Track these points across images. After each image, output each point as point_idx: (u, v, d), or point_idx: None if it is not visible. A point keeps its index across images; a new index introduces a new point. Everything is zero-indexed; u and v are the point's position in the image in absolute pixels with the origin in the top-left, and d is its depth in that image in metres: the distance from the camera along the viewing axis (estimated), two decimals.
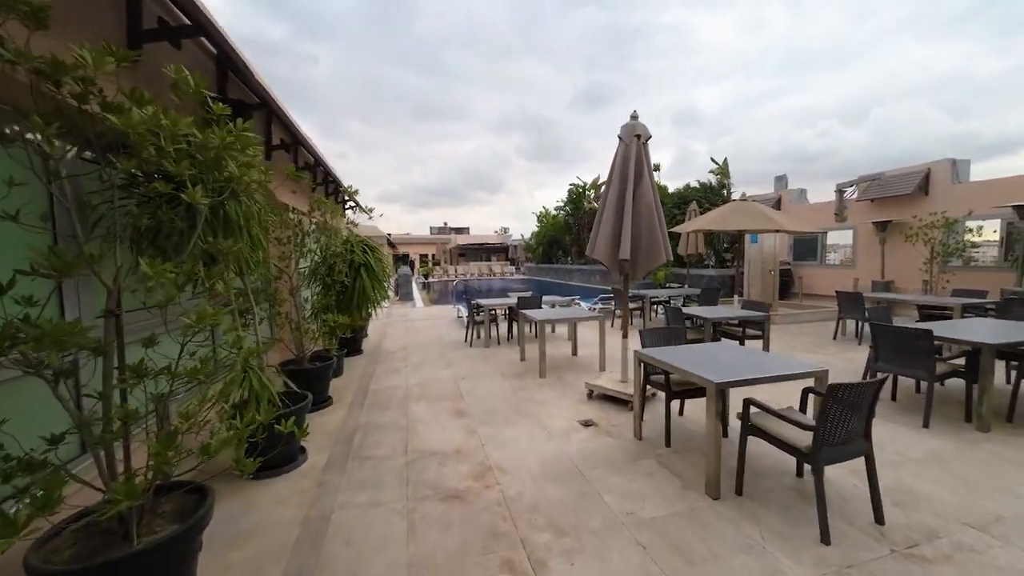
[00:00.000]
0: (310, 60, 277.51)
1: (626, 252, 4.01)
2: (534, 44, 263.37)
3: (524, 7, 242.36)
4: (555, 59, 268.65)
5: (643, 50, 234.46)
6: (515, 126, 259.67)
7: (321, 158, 5.91)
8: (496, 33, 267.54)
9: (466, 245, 49.47)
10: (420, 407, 4.57)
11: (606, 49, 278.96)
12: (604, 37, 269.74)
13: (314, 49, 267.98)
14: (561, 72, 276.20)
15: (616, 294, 9.20)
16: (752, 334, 5.88)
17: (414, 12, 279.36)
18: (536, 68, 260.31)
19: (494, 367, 6.11)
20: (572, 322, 6.29)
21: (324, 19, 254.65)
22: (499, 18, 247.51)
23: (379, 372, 6.00)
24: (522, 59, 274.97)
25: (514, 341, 7.89)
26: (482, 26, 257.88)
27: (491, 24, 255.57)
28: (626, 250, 4.01)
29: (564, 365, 6.11)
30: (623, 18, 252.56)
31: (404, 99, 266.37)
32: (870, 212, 11.05)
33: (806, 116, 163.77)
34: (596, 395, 4.68)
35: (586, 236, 24.02)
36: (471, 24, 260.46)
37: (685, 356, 3.29)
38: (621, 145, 4.26)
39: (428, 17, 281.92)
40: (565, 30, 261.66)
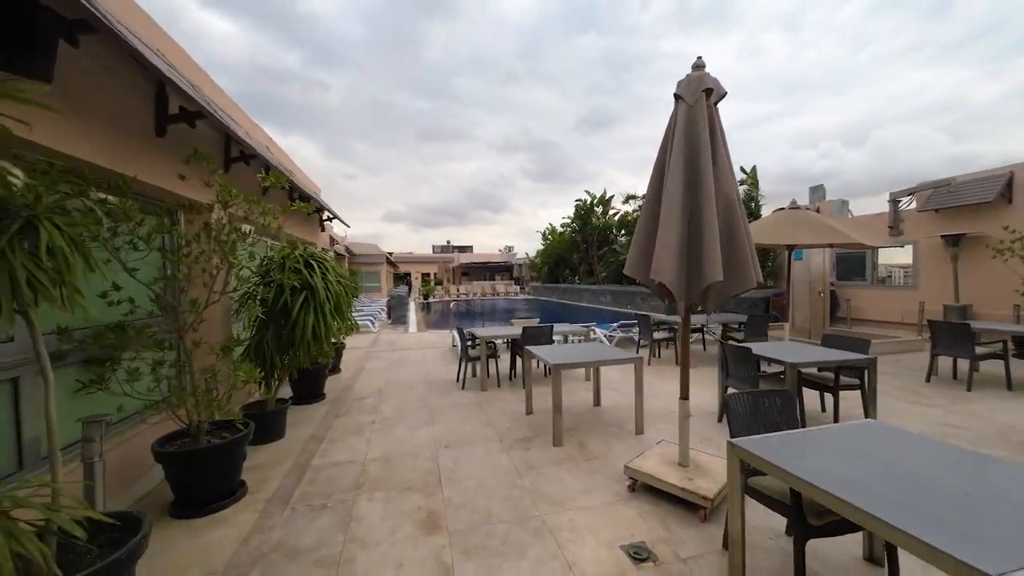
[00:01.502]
0: (321, 87, 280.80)
1: (716, 272, 2.49)
2: (537, 70, 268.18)
3: (528, 35, 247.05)
4: (558, 84, 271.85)
5: (644, 75, 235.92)
6: (519, 147, 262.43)
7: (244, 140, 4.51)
8: (501, 60, 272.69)
9: (469, 264, 48.20)
10: (373, 509, 2.98)
11: (607, 74, 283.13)
12: (605, 63, 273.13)
13: (326, 75, 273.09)
14: (564, 96, 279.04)
15: (641, 321, 7.62)
16: (846, 383, 4.26)
17: (423, 41, 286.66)
18: (539, 92, 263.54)
19: (490, 425, 4.52)
20: (597, 366, 4.69)
21: (336, 47, 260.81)
22: (504, 46, 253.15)
23: (335, 432, 4.43)
24: (526, 84, 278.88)
25: (517, 381, 6.31)
26: (488, 53, 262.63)
27: (496, 51, 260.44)
28: (715, 269, 2.49)
29: (585, 421, 4.51)
30: (624, 45, 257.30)
31: (411, 122, 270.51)
32: (935, 224, 9.50)
33: (807, 138, 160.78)
34: (642, 485, 3.09)
35: (595, 254, 22.59)
36: (477, 52, 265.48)
37: (865, 478, 1.71)
38: (682, 107, 2.78)
39: (436, 46, 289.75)
40: (567, 56, 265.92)
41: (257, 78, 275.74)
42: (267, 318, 4.14)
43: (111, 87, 2.85)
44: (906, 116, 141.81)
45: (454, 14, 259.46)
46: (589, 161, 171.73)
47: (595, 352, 4.54)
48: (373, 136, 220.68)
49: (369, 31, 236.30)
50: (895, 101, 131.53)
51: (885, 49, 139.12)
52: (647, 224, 3.00)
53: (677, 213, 2.66)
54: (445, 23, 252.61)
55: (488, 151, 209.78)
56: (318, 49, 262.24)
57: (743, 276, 2.62)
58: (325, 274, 4.34)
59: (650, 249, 2.87)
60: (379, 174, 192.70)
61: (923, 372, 6.18)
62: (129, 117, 3.02)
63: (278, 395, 4.42)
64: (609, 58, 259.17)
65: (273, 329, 4.10)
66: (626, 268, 3.16)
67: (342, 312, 4.50)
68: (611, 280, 21.19)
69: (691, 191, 2.68)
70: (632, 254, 3.10)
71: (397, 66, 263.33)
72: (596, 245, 22.81)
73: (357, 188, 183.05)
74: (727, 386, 4.45)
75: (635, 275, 3.09)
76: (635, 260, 3.06)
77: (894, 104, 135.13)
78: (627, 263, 3.14)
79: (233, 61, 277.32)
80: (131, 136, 3.03)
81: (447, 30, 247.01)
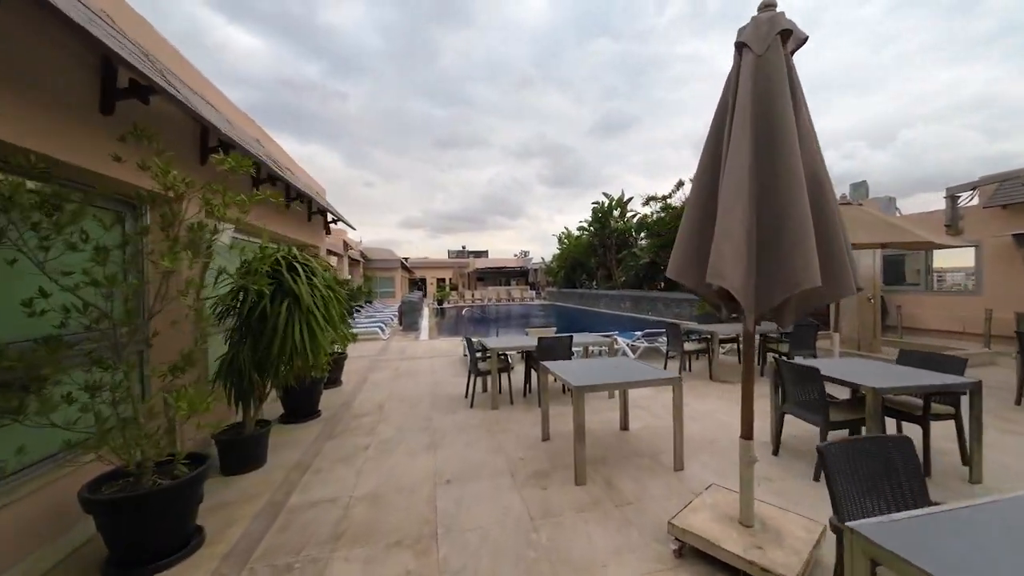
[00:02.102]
0: (339, 97, 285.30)
1: (811, 273, 1.82)
2: (552, 76, 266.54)
3: (542, 41, 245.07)
4: (572, 89, 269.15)
5: (658, 79, 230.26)
6: (534, 153, 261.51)
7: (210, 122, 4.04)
8: (515, 66, 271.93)
9: (484, 269, 47.77)
10: (350, 571, 2.37)
11: (622, 78, 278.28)
12: (620, 67, 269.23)
13: (344, 85, 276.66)
14: (578, 101, 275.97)
15: (670, 330, 6.88)
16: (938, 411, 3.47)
17: (438, 50, 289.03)
18: (554, 97, 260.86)
19: (501, 452, 3.89)
20: (627, 388, 3.97)
21: (354, 57, 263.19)
22: (518, 52, 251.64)
23: (323, 459, 3.87)
24: (540, 89, 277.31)
25: (532, 397, 5.66)
26: (502, 60, 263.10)
27: (511, 58, 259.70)
28: (810, 270, 1.83)
29: (611, 451, 3.84)
30: (638, 49, 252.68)
31: (428, 130, 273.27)
32: (1002, 221, 8.48)
33: (830, 139, 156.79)
34: (691, 549, 2.40)
35: (613, 258, 21.78)
36: (491, 58, 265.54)
37: None
38: (748, 59, 2.13)
39: (451, 54, 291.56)
40: (582, 62, 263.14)
41: (279, 90, 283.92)
42: (243, 329, 3.61)
43: (40, 55, 2.36)
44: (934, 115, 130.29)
45: (468, 22, 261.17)
46: (605, 165, 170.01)
47: (624, 371, 3.87)
48: (390, 144, 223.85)
49: (385, 41, 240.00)
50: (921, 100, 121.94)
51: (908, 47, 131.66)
52: (698, 215, 2.35)
53: (744, 198, 2.00)
54: (460, 31, 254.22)
55: (504, 157, 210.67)
56: (337, 60, 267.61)
57: (841, 279, 1.94)
58: (312, 278, 3.79)
59: (702, 246, 2.22)
60: (396, 181, 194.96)
61: (1007, 392, 5.29)
62: (67, 92, 2.53)
63: (260, 415, 3.89)
64: (623, 62, 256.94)
65: (250, 342, 3.57)
66: (669, 270, 2.51)
67: (333, 322, 3.95)
68: (630, 285, 20.34)
69: (764, 167, 2.01)
70: (677, 254, 2.45)
71: (413, 74, 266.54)
72: (615, 249, 22.00)
73: (375, 195, 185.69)
74: (783, 412, 3.72)
75: (682, 279, 2.44)
76: (681, 261, 2.42)
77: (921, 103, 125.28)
78: (671, 265, 2.50)
79: (257, 74, 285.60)
80: (70, 114, 2.54)
81: (462, 38, 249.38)
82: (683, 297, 15.80)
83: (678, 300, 16.13)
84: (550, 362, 4.18)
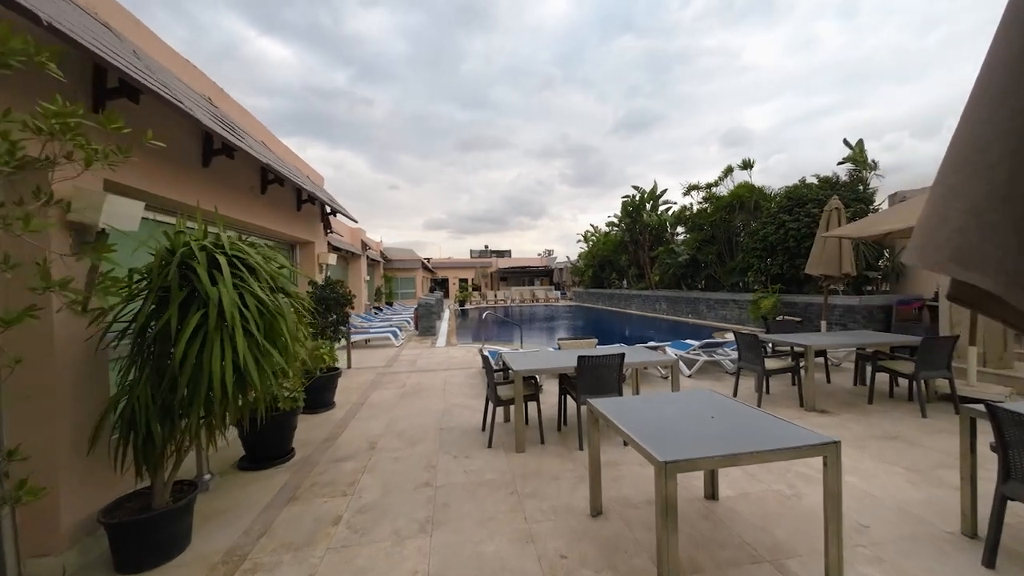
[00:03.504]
0: (365, 103, 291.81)
1: None
2: (574, 76, 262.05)
3: (564, 41, 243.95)
4: (596, 88, 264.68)
5: (685, 74, 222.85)
6: (557, 153, 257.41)
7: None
8: (538, 67, 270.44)
9: (507, 268, 46.54)
10: None
11: (647, 76, 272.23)
12: (644, 64, 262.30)
13: (371, 91, 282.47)
14: (601, 100, 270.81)
15: (743, 342, 5.36)
16: None
17: (462, 55, 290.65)
18: (577, 97, 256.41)
19: (530, 540, 2.55)
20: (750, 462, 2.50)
21: (380, 64, 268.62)
22: (541, 53, 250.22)
23: (266, 546, 2.62)
24: (563, 90, 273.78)
25: (569, 432, 4.30)
26: (525, 62, 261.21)
27: (533, 60, 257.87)
28: None
29: (700, 545, 2.44)
30: (663, 44, 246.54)
31: (452, 133, 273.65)
32: None
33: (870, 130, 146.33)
34: None
35: (647, 255, 20.06)
36: (515, 61, 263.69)
37: None
38: None
39: (475, 58, 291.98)
40: (605, 60, 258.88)
41: (309, 98, 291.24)
42: (139, 357, 2.42)
43: None
44: None
45: (491, 26, 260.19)
46: (629, 164, 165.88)
47: (728, 422, 2.45)
48: (415, 147, 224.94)
49: (411, 47, 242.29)
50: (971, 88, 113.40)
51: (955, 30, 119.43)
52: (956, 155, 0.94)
53: None
54: (483, 35, 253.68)
55: (526, 158, 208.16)
56: (363, 67, 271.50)
57: None
58: (243, 275, 2.55)
59: None
60: (421, 184, 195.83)
61: None
62: None
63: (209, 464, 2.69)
64: (648, 59, 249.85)
65: (147, 376, 2.36)
66: (908, 254, 1.12)
67: (285, 341, 2.70)
68: (666, 285, 18.60)
69: None
70: (934, 222, 1.06)
71: (437, 79, 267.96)
72: (648, 246, 20.27)
73: (401, 198, 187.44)
74: (1007, 497, 2.22)
75: (967, 270, 1.03)
76: (973, 238, 1.01)
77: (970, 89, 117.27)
78: (917, 241, 1.11)
79: (287, 84, 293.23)
80: None
81: (485, 42, 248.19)
82: (729, 298, 14.03)
83: (723, 301, 14.36)
84: (605, 403, 2.80)
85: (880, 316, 9.44)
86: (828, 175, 11.15)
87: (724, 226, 14.69)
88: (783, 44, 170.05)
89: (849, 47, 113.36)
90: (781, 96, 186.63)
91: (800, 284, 12.01)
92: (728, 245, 14.98)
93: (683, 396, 2.99)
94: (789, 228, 11.02)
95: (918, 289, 9.66)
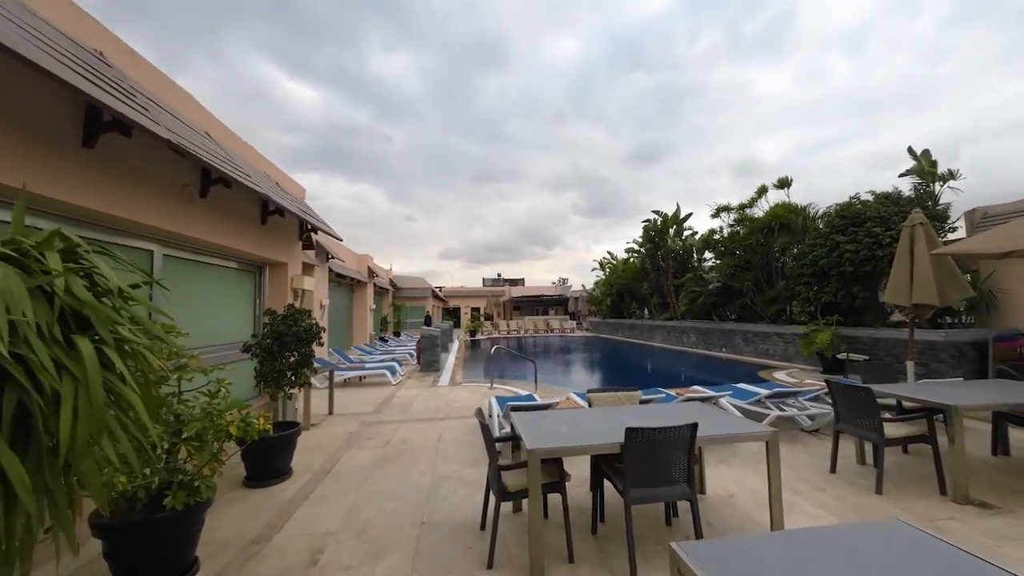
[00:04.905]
0: (384, 138, 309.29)
1: None
2: (586, 109, 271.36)
3: (575, 79, 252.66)
4: (607, 121, 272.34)
5: (695, 107, 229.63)
6: (570, 184, 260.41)
7: None
8: (550, 103, 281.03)
9: (521, 297, 45.27)
10: None
11: (656, 108, 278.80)
12: (654, 98, 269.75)
13: (390, 128, 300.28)
14: (613, 133, 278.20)
15: (843, 395, 3.87)
16: None
17: (477, 92, 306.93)
18: (588, 130, 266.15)
19: None
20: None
21: (399, 102, 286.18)
22: (553, 90, 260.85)
23: None
24: (575, 123, 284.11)
25: (610, 535, 2.86)
26: (538, 98, 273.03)
27: (546, 95, 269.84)
28: None
29: None
30: (672, 79, 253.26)
31: (466, 165, 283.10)
32: None
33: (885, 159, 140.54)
34: None
35: (671, 283, 18.59)
36: (528, 97, 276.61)
37: None
38: None
39: (489, 95, 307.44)
40: (615, 95, 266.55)
41: (333, 135, 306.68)
42: None
43: None
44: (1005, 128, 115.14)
45: (505, 66, 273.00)
46: (641, 194, 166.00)
47: None
48: (431, 180, 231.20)
49: (428, 86, 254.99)
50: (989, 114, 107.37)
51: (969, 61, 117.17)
52: None
53: None
54: (497, 74, 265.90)
55: (539, 189, 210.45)
56: (384, 105, 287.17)
57: None
58: None
59: None
60: (436, 214, 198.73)
61: None
62: None
63: None
64: (657, 93, 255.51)
65: None
66: None
67: (97, 405, 1.41)
68: (695, 314, 17.01)
69: None
70: None
71: (453, 115, 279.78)
72: (672, 273, 18.83)
73: (417, 228, 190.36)
74: None
75: None
76: None
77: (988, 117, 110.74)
78: None
79: (313, 122, 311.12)
80: None
81: (499, 80, 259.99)
82: (771, 330, 12.37)
83: (764, 334, 12.69)
84: (699, 553, 1.44)
85: (972, 355, 7.77)
86: (893, 190, 9.71)
87: (761, 250, 13.24)
88: (791, 77, 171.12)
89: (858, 78, 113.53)
90: (792, 126, 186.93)
91: (857, 314, 10.40)
92: (766, 271, 13.48)
93: (852, 532, 1.57)
94: (845, 250, 9.54)
95: (1016, 322, 8.00)
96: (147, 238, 3.55)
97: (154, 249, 3.64)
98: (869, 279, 9.60)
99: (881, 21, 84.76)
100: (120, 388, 1.42)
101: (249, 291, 5.39)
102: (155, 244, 3.65)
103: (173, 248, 3.91)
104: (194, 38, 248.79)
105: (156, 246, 3.67)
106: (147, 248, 3.58)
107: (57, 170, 2.46)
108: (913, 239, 6.12)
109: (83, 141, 2.62)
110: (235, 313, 5.10)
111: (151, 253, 3.61)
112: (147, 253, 3.59)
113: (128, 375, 1.42)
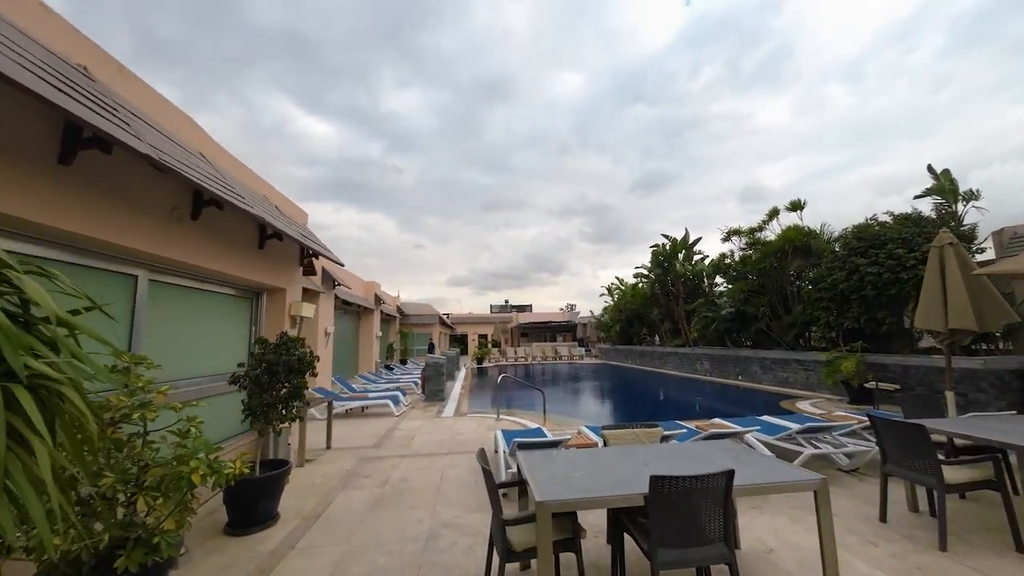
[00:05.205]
0: (395, 171, 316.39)
1: None
2: (590, 141, 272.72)
3: (580, 112, 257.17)
4: (611, 152, 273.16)
5: (697, 137, 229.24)
6: (576, 212, 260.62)
7: None
8: (556, 136, 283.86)
9: (528, 324, 44.76)
10: None
11: (660, 140, 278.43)
12: (657, 129, 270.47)
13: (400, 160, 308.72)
14: (617, 163, 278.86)
15: (900, 435, 3.45)
16: None
17: (485, 126, 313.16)
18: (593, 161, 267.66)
19: None
20: None
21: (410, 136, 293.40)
22: (558, 123, 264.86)
23: None
24: (580, 154, 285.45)
25: None
26: (544, 131, 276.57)
27: (552, 128, 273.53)
28: None
29: None
30: (674, 112, 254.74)
31: (474, 195, 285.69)
32: None
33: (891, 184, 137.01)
34: None
35: (681, 308, 18.15)
36: (534, 130, 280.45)
37: None
38: None
39: (497, 128, 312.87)
40: (619, 127, 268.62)
41: (346, 168, 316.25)
42: None
43: None
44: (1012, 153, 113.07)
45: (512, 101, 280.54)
46: (647, 222, 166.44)
47: None
48: (440, 209, 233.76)
49: (438, 120, 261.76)
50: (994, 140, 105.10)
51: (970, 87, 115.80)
52: None
53: None
54: (504, 108, 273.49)
55: (546, 217, 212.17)
56: (395, 139, 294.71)
57: None
58: None
59: None
60: (445, 243, 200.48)
61: None
62: None
63: None
64: (660, 125, 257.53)
65: None
66: None
67: None
68: (708, 341, 16.47)
69: None
70: None
71: (462, 147, 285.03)
72: (682, 298, 18.42)
73: (426, 256, 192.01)
74: None
75: None
76: None
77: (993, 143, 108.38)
78: None
79: (327, 155, 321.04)
80: None
81: (506, 114, 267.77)
82: (790, 357, 11.81)
83: (782, 361, 12.12)
84: None
85: (1015, 384, 7.22)
86: (912, 211, 9.39)
87: (775, 274, 12.86)
88: (792, 107, 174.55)
89: (859, 107, 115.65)
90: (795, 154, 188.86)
91: (883, 340, 9.88)
92: (781, 295, 13.05)
93: None
94: (866, 273, 9.15)
95: None
96: (131, 262, 3.35)
97: (139, 274, 3.44)
98: (894, 303, 9.15)
99: (878, 53, 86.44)
100: (29, 435, 1.14)
101: (244, 318, 5.16)
102: (140, 269, 3.45)
103: (161, 273, 3.71)
104: (218, 79, 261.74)
105: (141, 271, 3.46)
106: (131, 273, 3.38)
107: (25, 187, 2.28)
108: (943, 260, 5.75)
109: (59, 158, 2.46)
110: (229, 342, 4.85)
111: (135, 278, 3.41)
112: (131, 278, 3.38)
113: (37, 418, 1.15)
